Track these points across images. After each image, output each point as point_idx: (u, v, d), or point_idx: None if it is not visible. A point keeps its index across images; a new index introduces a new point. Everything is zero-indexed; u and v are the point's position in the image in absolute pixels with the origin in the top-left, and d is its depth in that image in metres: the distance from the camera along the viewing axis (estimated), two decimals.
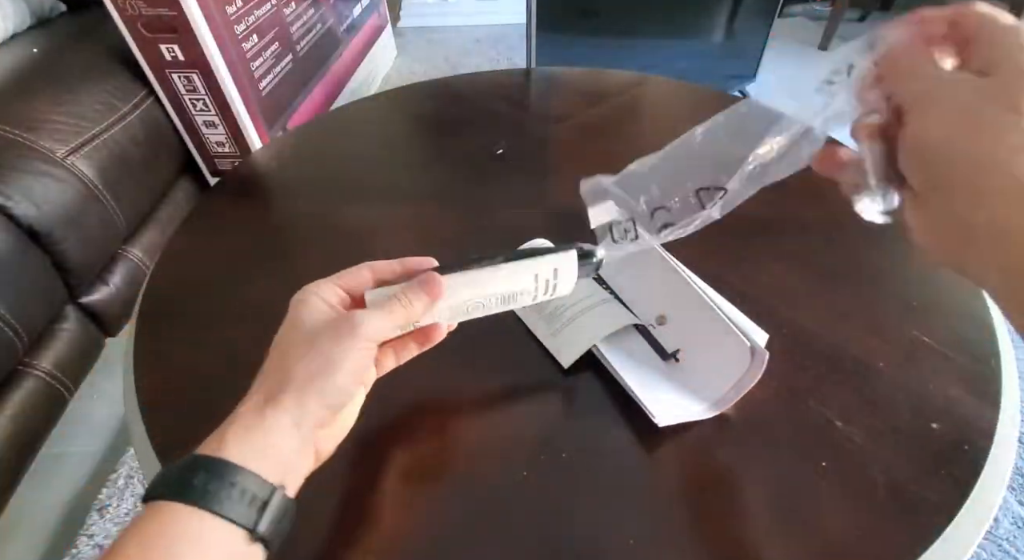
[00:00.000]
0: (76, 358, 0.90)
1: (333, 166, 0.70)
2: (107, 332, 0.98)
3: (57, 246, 0.83)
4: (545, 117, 0.79)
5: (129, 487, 0.90)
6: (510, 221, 0.58)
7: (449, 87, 0.86)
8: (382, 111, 0.82)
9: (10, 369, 0.81)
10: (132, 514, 0.86)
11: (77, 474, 0.93)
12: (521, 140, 0.72)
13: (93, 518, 0.86)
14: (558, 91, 0.88)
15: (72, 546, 0.84)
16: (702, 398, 0.40)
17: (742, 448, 0.38)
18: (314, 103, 1.44)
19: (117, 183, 0.93)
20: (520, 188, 0.64)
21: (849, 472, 0.37)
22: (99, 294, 0.95)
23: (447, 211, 0.61)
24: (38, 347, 0.85)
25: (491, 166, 0.68)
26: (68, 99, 0.92)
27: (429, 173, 0.69)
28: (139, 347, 0.47)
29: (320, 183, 0.67)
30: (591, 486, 0.37)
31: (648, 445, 0.39)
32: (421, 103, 0.83)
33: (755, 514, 0.35)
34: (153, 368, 0.45)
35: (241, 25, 1.10)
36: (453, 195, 0.64)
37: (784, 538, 0.34)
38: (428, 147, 0.75)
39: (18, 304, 0.77)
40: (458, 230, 0.58)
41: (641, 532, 0.35)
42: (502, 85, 0.88)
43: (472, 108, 0.80)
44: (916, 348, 0.44)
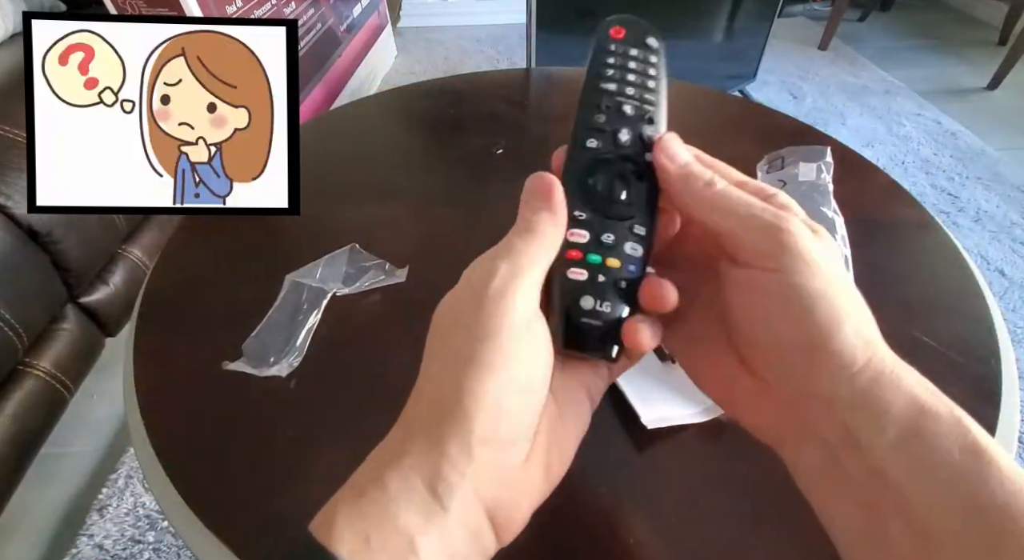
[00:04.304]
0: (76, 358, 0.90)
1: (333, 166, 0.70)
2: (107, 332, 0.98)
3: (57, 246, 0.83)
4: (545, 117, 0.79)
5: (129, 487, 0.90)
6: (510, 221, 0.58)
7: (449, 87, 0.86)
8: (382, 111, 0.82)
9: (10, 369, 0.81)
10: (131, 514, 0.87)
11: (77, 474, 0.93)
12: (521, 140, 0.72)
13: (93, 518, 0.86)
14: (558, 91, 0.88)
15: (72, 546, 0.84)
16: (696, 401, 0.40)
17: (742, 448, 0.38)
18: (314, 103, 1.44)
19: None
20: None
21: None
22: (99, 294, 0.95)
23: (447, 211, 0.61)
24: (38, 347, 0.85)
25: (491, 166, 0.68)
26: None
27: (429, 173, 0.69)
28: (139, 347, 0.47)
29: (320, 183, 0.67)
30: (591, 486, 0.37)
31: (646, 446, 0.39)
32: (421, 103, 0.83)
33: (755, 514, 0.35)
34: (153, 368, 0.45)
35: None
36: (453, 195, 0.64)
37: (784, 538, 0.34)
38: (428, 147, 0.75)
39: (18, 304, 0.77)
40: (458, 230, 0.58)
41: (641, 532, 0.35)
42: (502, 85, 0.88)
43: (472, 108, 0.80)
44: (916, 348, 0.44)
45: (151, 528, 0.85)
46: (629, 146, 0.24)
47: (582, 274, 0.22)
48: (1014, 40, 1.95)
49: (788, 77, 2.11)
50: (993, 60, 2.06)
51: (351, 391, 0.44)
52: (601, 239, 0.23)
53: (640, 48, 0.26)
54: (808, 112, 1.93)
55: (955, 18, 2.61)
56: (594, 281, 0.22)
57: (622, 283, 0.22)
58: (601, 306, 0.22)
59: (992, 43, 2.34)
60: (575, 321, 0.22)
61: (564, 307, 0.22)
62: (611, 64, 0.26)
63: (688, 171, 0.23)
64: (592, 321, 0.22)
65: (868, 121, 1.89)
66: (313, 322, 0.48)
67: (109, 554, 0.83)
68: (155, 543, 0.84)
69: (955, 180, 1.63)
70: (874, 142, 1.79)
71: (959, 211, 1.53)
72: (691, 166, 0.23)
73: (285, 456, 0.40)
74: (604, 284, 0.22)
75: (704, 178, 0.23)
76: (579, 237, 0.23)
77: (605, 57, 0.26)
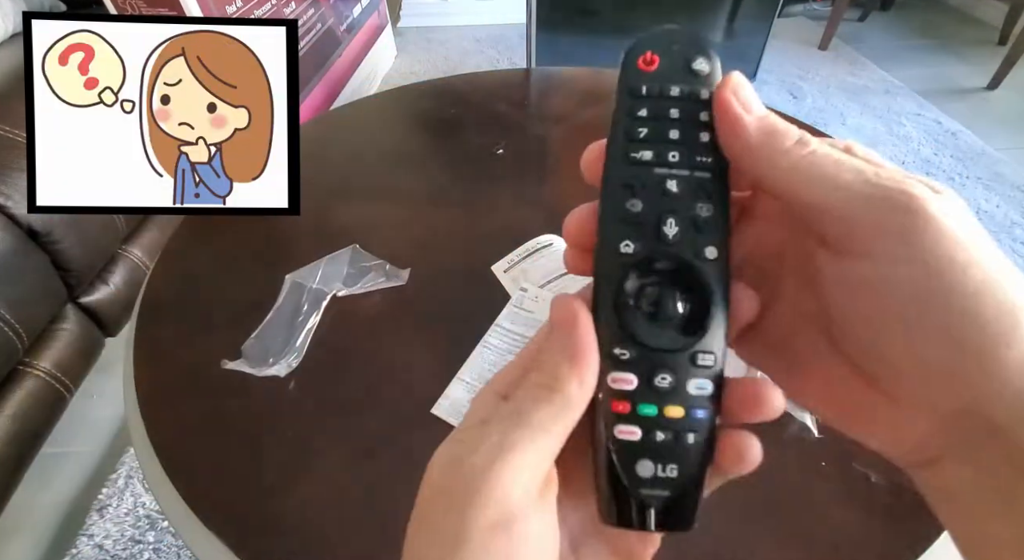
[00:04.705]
0: (76, 358, 0.90)
1: (333, 166, 0.70)
2: (107, 332, 0.98)
3: (57, 246, 0.83)
4: (545, 117, 0.79)
5: (129, 487, 0.90)
6: (510, 221, 0.58)
7: (449, 87, 0.86)
8: (382, 111, 0.82)
9: (10, 369, 0.81)
10: (131, 514, 0.87)
11: (77, 474, 0.93)
12: (521, 140, 0.72)
13: (93, 518, 0.86)
14: (558, 91, 0.88)
15: (72, 546, 0.84)
16: None
17: None
18: (314, 103, 1.44)
19: None
20: (520, 188, 0.64)
21: (849, 472, 0.37)
22: (99, 294, 0.95)
23: (447, 211, 0.61)
24: (38, 347, 0.85)
25: (491, 166, 0.68)
26: None
27: (429, 173, 0.69)
28: (139, 347, 0.47)
29: (320, 183, 0.67)
30: None
31: None
32: (421, 103, 0.83)
33: (755, 515, 0.35)
34: (153, 368, 0.45)
35: None
36: (453, 195, 0.64)
37: (784, 538, 0.34)
38: (428, 147, 0.75)
39: (18, 304, 0.77)
40: (458, 230, 0.58)
41: None
42: (502, 85, 0.88)
43: (472, 108, 0.80)
44: None
45: (151, 528, 0.85)
46: (679, 242, 0.17)
47: (634, 433, 0.17)
48: (1014, 40, 1.95)
49: (788, 77, 2.11)
50: (993, 60, 2.06)
51: (350, 392, 0.44)
52: (654, 383, 0.17)
53: (684, 82, 0.18)
54: (808, 112, 1.93)
55: (955, 18, 2.61)
56: (651, 440, 0.17)
57: (689, 437, 0.17)
58: (664, 471, 0.17)
59: (992, 43, 2.34)
60: (633, 495, 0.17)
61: (613, 475, 0.17)
62: (642, 118, 0.18)
63: (769, 126, 0.17)
64: (656, 492, 0.17)
65: (868, 121, 1.88)
66: (313, 323, 0.48)
67: (109, 554, 0.82)
68: (155, 543, 0.84)
69: (955, 180, 1.63)
70: (874, 142, 1.79)
71: None
72: (771, 119, 0.17)
73: (284, 456, 0.40)
74: (665, 443, 0.17)
75: (792, 135, 0.17)
76: (624, 383, 0.17)
77: (634, 106, 0.18)
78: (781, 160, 0.16)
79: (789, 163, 0.16)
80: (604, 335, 0.17)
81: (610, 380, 0.17)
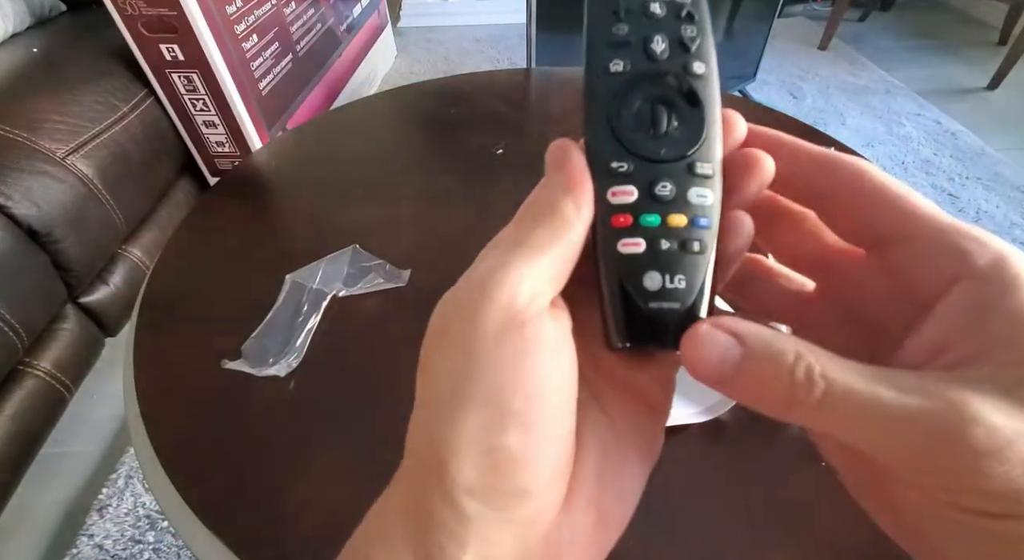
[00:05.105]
0: (76, 358, 0.90)
1: (333, 166, 0.70)
2: (107, 332, 0.98)
3: (57, 246, 0.83)
4: (545, 117, 0.79)
5: (129, 487, 0.90)
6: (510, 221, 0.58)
7: (449, 87, 0.86)
8: (382, 111, 0.82)
9: (10, 369, 0.81)
10: (131, 514, 0.87)
11: (77, 474, 0.93)
12: (521, 140, 0.72)
13: (93, 518, 0.86)
14: (558, 91, 0.88)
15: (72, 546, 0.84)
16: (697, 401, 0.40)
17: (741, 449, 0.38)
18: (314, 103, 1.44)
19: (117, 183, 0.93)
20: (520, 188, 0.64)
21: None
22: (99, 294, 0.95)
23: (447, 211, 0.61)
24: (38, 347, 0.85)
25: (491, 166, 0.68)
26: (68, 99, 0.91)
27: (429, 173, 0.69)
28: (139, 347, 0.47)
29: (320, 183, 0.67)
30: None
31: None
32: (421, 103, 0.83)
33: (755, 515, 0.35)
34: (153, 368, 0.45)
35: (241, 25, 1.10)
36: (453, 195, 0.64)
37: (784, 538, 0.34)
38: (428, 147, 0.75)
39: (18, 304, 0.77)
40: (459, 230, 0.58)
41: (641, 532, 0.35)
42: (502, 85, 0.88)
43: (472, 108, 0.80)
44: None
45: (151, 528, 0.85)
46: (668, 57, 0.17)
47: (638, 244, 0.16)
48: (1014, 40, 1.95)
49: (788, 77, 2.11)
50: (993, 60, 2.06)
51: (350, 392, 0.44)
52: (655, 192, 0.16)
53: None
54: (808, 112, 1.93)
55: (955, 18, 2.61)
56: (656, 251, 0.16)
57: (694, 245, 0.16)
58: (672, 282, 0.16)
59: (992, 43, 2.34)
60: (642, 309, 0.16)
61: (621, 293, 0.16)
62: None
63: (756, 375, 0.14)
64: (667, 304, 0.16)
65: (868, 121, 1.89)
66: (313, 323, 0.48)
67: (109, 554, 0.82)
68: (155, 543, 0.84)
69: (955, 180, 1.63)
70: (874, 142, 1.79)
71: (959, 211, 1.53)
72: (758, 362, 0.14)
73: (284, 456, 0.40)
74: (671, 252, 0.16)
75: (798, 377, 0.13)
76: (625, 195, 0.16)
77: None
78: (807, 416, 0.13)
79: (814, 415, 0.13)
80: (601, 152, 0.17)
81: (610, 194, 0.17)
